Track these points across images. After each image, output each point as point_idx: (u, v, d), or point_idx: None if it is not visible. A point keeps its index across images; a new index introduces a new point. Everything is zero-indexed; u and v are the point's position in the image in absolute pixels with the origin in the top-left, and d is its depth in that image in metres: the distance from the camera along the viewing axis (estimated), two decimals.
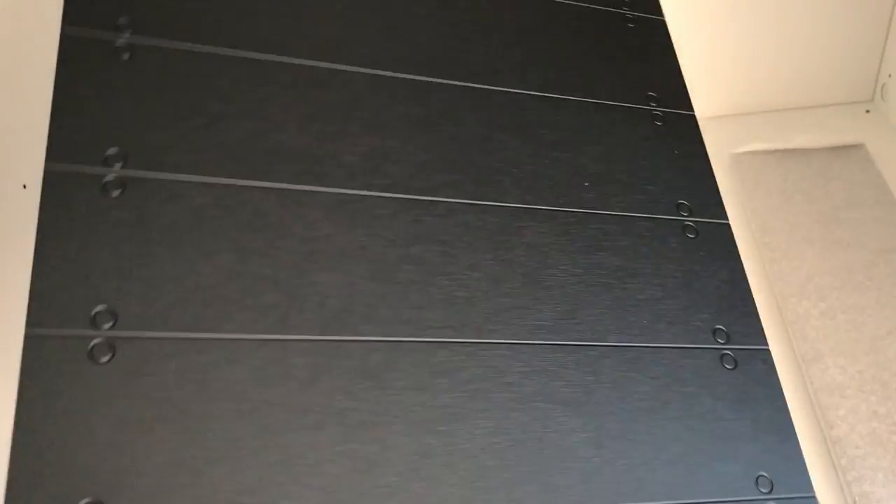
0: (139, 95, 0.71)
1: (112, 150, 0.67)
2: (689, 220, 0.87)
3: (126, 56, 0.72)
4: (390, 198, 0.75)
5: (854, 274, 1.48)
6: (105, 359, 0.61)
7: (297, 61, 0.78)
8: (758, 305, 0.83)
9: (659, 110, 0.93)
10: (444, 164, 0.78)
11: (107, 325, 0.62)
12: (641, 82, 0.95)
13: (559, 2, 0.95)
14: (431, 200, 0.76)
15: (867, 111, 1.77)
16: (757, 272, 1.55)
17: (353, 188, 0.74)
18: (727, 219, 0.89)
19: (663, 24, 1.00)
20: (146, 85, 0.72)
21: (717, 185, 0.91)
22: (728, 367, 0.78)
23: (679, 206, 0.87)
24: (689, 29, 1.57)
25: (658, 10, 1.02)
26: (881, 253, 1.50)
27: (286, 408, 0.63)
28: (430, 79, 0.82)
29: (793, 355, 1.42)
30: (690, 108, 0.95)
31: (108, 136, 0.68)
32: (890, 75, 1.68)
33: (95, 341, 0.61)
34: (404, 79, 0.81)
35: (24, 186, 0.92)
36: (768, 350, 0.82)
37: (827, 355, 1.38)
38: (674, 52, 0.99)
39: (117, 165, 0.67)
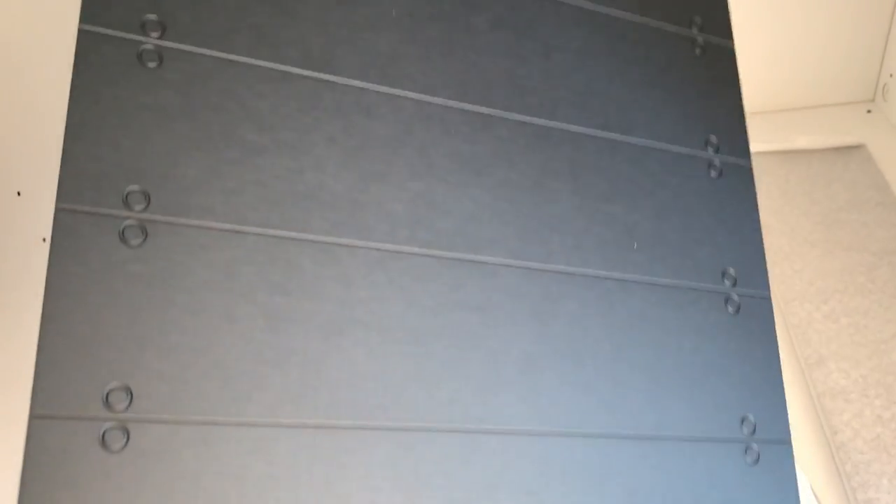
0: (165, 115, 0.63)
1: (133, 188, 0.59)
2: (733, 293, 0.82)
3: (153, 63, 0.63)
4: (432, 257, 0.68)
5: (856, 276, 1.46)
6: (118, 445, 0.55)
7: (344, 80, 0.69)
8: None
9: (717, 159, 0.86)
10: (490, 215, 0.71)
11: (121, 406, 0.56)
12: (703, 122, 0.87)
13: (626, 20, 0.85)
14: (474, 261, 0.70)
15: (868, 111, 1.72)
16: None
17: (394, 242, 0.67)
18: (768, 289, 0.84)
19: (732, 53, 0.92)
20: (174, 102, 0.63)
21: (763, 253, 0.86)
22: (749, 460, 0.76)
23: (724, 275, 0.82)
24: None
25: (728, 33, 0.93)
26: (883, 255, 1.48)
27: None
28: (484, 110, 0.74)
29: (795, 359, 1.42)
30: (748, 157, 0.88)
31: (129, 169, 0.59)
32: (891, 75, 1.63)
33: (108, 425, 0.55)
34: (457, 109, 0.73)
35: (44, 239, 0.78)
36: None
37: (830, 359, 1.37)
38: (739, 88, 0.92)
39: (138, 207, 0.59)
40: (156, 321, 0.58)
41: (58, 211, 0.57)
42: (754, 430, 0.77)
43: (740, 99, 0.91)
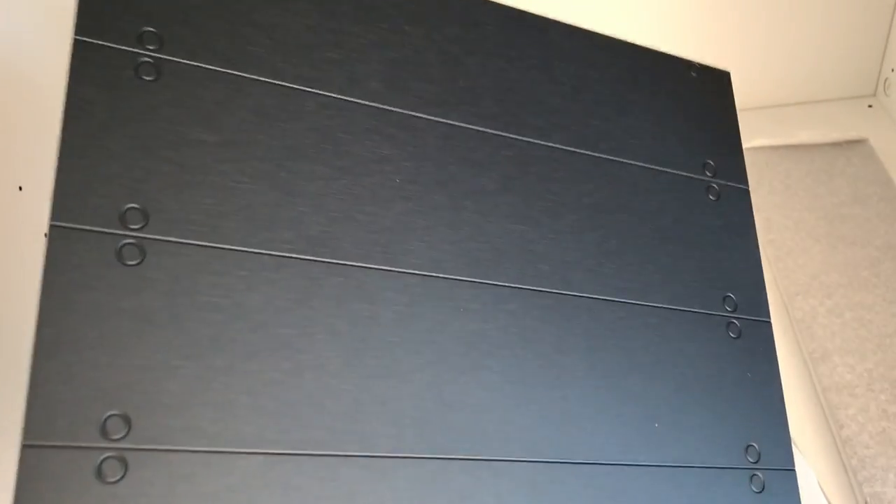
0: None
1: (112, 413, 0.52)
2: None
3: (133, 261, 0.56)
4: (442, 459, 0.61)
5: (860, 271, 1.45)
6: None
7: (344, 262, 0.63)
8: None
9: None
10: (503, 406, 0.65)
11: (119, 435, 0.52)
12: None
13: (638, 167, 0.82)
14: (488, 461, 0.63)
15: (870, 106, 1.72)
16: (764, 269, 1.52)
17: (400, 451, 0.60)
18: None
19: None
20: (156, 305, 0.56)
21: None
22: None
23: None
24: None
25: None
26: (887, 249, 1.47)
27: None
28: (494, 282, 0.69)
29: (800, 354, 1.40)
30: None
31: (107, 392, 0.53)
32: (893, 69, 1.63)
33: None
34: (466, 283, 0.68)
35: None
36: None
37: (835, 354, 1.35)
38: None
39: (117, 436, 0.52)
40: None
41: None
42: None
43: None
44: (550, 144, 0.76)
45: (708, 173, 0.84)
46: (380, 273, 0.64)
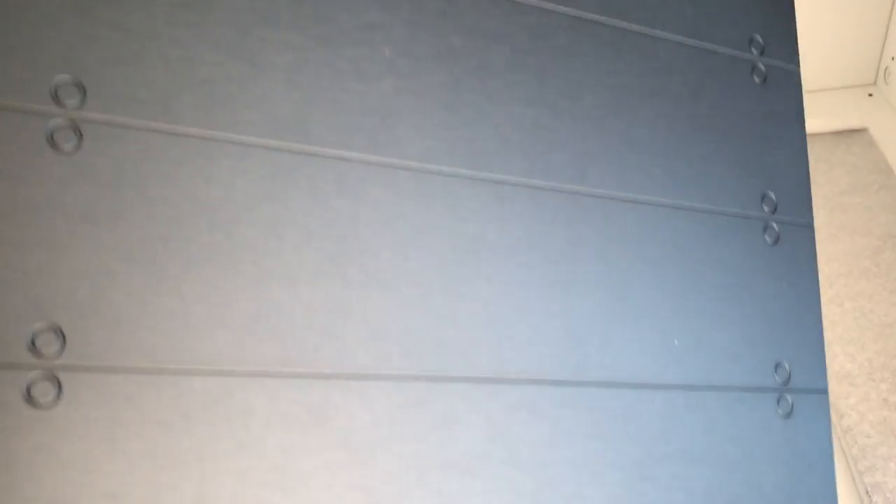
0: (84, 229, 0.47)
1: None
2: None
3: (69, 143, 0.47)
4: (428, 379, 0.53)
5: (861, 260, 1.43)
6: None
7: (322, 151, 0.54)
8: None
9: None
10: (508, 322, 0.57)
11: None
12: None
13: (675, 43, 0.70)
14: (492, 378, 0.55)
15: (870, 95, 1.66)
16: None
17: (389, 377, 0.53)
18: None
19: None
20: (98, 210, 0.47)
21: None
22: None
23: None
24: None
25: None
26: (888, 238, 1.45)
27: None
28: (499, 176, 0.59)
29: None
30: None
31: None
32: (893, 58, 1.56)
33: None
34: (465, 177, 0.58)
35: None
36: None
37: (835, 343, 1.34)
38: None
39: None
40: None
41: None
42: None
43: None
44: (572, 12, 0.64)
45: (754, 50, 0.73)
46: (362, 164, 0.54)
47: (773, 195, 0.70)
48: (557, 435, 0.58)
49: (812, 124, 1.59)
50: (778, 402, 0.67)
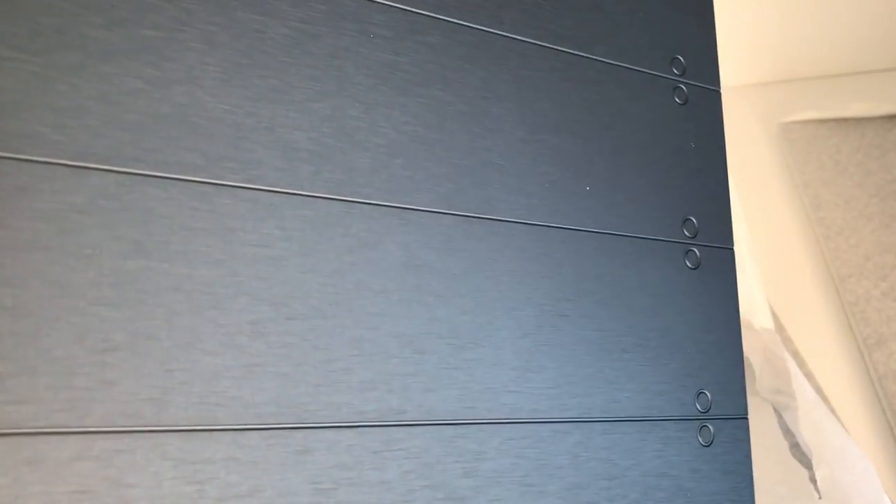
0: None
1: None
2: (694, 245, 0.69)
3: None
4: (342, 201, 0.51)
5: None
6: None
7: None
8: (813, 286, 0.70)
9: (684, 84, 0.72)
10: (418, 149, 0.55)
11: None
12: (670, 41, 0.72)
13: None
14: (396, 208, 0.53)
15: None
16: (812, 251, 1.44)
17: (292, 185, 0.51)
18: (719, 86, 0.72)
19: None
20: None
21: (728, 199, 0.73)
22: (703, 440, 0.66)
23: (685, 224, 0.69)
24: None
25: None
26: None
27: None
28: (413, 8, 0.57)
29: (853, 340, 1.35)
30: (718, 83, 0.74)
31: None
32: None
33: None
34: (378, 4, 0.56)
35: None
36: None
37: (891, 339, 1.29)
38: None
39: None
40: None
41: None
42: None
43: (712, 16, 0.76)
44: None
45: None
46: None
47: (682, 59, 0.71)
48: (471, 268, 0.57)
49: (863, 108, 1.56)
50: (685, 254, 0.68)
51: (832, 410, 1.15)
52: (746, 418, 0.68)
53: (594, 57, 0.66)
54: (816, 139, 1.57)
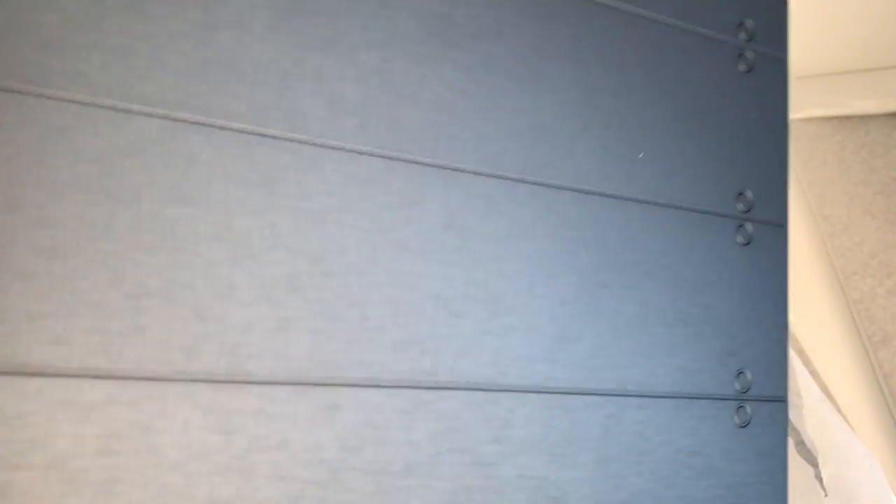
0: None
1: None
2: (747, 220, 0.66)
3: None
4: (386, 158, 0.50)
5: None
6: None
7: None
8: (818, 284, 0.67)
9: (750, 49, 0.68)
10: (466, 107, 0.53)
11: None
12: (737, 3, 0.68)
13: None
14: (440, 167, 0.51)
15: None
16: (816, 248, 1.41)
17: (336, 137, 0.48)
18: (787, 218, 0.68)
19: None
20: None
21: (787, 174, 0.70)
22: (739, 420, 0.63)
23: (739, 197, 0.66)
24: None
25: None
26: None
27: None
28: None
29: (859, 337, 1.33)
30: (786, 49, 0.71)
31: None
32: None
33: None
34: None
35: None
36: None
37: None
38: None
39: None
40: None
41: None
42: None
43: None
44: None
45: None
46: None
47: (751, 24, 0.68)
48: (513, 232, 0.56)
49: (867, 105, 1.53)
50: (737, 229, 0.66)
51: (838, 408, 1.13)
52: (786, 401, 0.66)
53: (658, 16, 0.63)
54: (820, 136, 1.55)
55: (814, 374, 1.22)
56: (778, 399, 0.66)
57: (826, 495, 0.88)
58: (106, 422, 0.43)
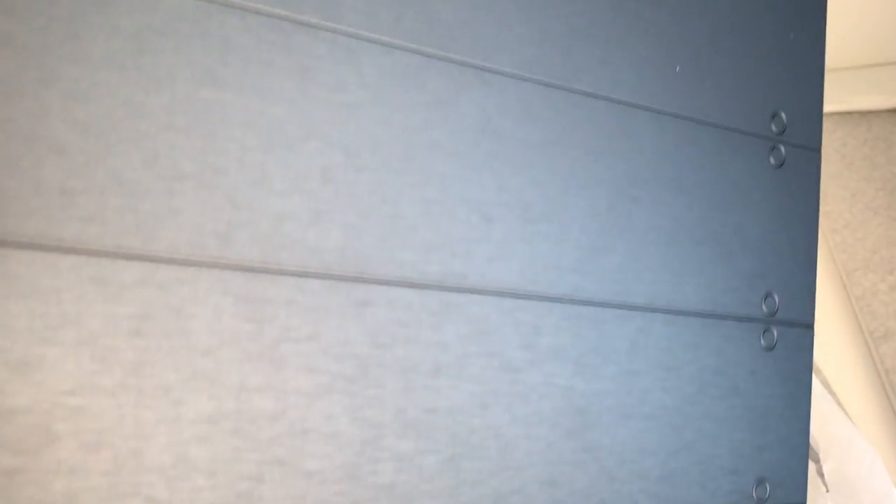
0: None
1: None
2: (780, 142, 0.65)
3: None
4: (421, 54, 0.48)
5: None
6: None
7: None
8: (820, 280, 0.65)
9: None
10: (505, 7, 0.54)
11: None
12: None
13: None
14: (477, 67, 0.50)
15: None
16: (819, 243, 1.39)
17: (372, 29, 0.47)
18: (820, 143, 0.68)
19: None
20: None
21: (822, 99, 0.69)
22: (765, 342, 0.62)
23: (774, 119, 0.65)
24: None
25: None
26: None
27: None
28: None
29: (860, 333, 1.32)
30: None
31: None
32: None
33: None
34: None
35: None
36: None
37: None
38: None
39: None
40: None
41: None
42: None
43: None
44: None
45: None
46: None
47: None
48: (548, 139, 0.55)
49: (869, 101, 1.52)
50: (771, 151, 0.65)
51: (839, 403, 1.13)
52: (812, 327, 0.65)
53: None
54: (822, 133, 1.52)
55: (816, 369, 1.22)
56: (805, 325, 0.65)
57: (827, 491, 0.88)
58: (138, 303, 0.42)
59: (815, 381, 0.95)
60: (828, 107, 1.55)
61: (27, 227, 0.40)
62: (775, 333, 0.64)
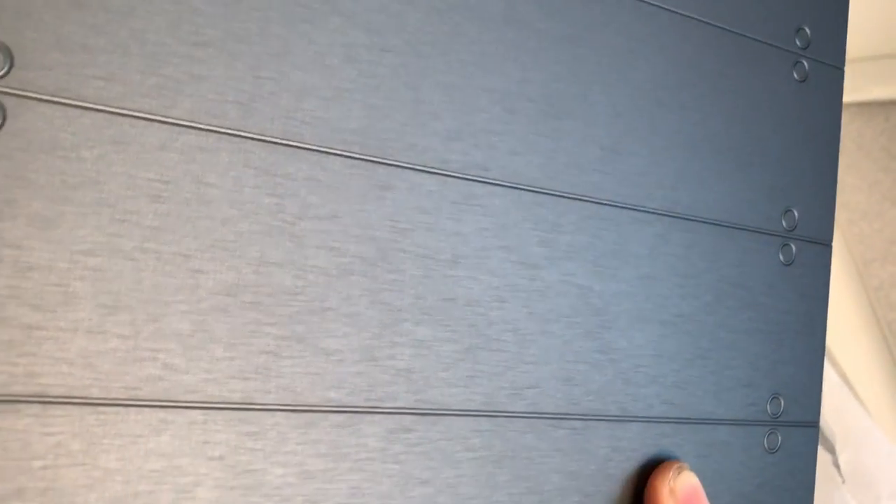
0: None
1: None
2: (804, 56, 0.63)
3: None
4: None
5: None
6: None
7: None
8: (836, 271, 0.64)
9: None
10: None
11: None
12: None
13: None
14: None
15: None
16: (835, 234, 1.37)
17: None
18: (843, 60, 0.67)
19: None
20: None
21: (847, 14, 0.68)
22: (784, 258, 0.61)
23: (798, 33, 0.64)
24: None
25: None
26: None
27: None
28: None
29: (878, 325, 1.30)
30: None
31: None
32: None
33: None
34: None
35: None
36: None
37: None
38: None
39: None
40: None
41: None
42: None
43: None
44: None
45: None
46: None
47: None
48: (573, 35, 0.54)
49: (886, 91, 1.49)
50: (794, 65, 0.64)
51: (856, 395, 1.13)
52: (831, 246, 0.65)
53: None
54: (846, 51, 1.50)
55: (833, 362, 1.21)
56: (824, 242, 0.65)
57: (844, 482, 0.88)
58: (158, 167, 0.42)
59: (831, 372, 0.94)
60: (845, 97, 1.52)
61: (47, 81, 0.39)
62: (794, 249, 0.63)
